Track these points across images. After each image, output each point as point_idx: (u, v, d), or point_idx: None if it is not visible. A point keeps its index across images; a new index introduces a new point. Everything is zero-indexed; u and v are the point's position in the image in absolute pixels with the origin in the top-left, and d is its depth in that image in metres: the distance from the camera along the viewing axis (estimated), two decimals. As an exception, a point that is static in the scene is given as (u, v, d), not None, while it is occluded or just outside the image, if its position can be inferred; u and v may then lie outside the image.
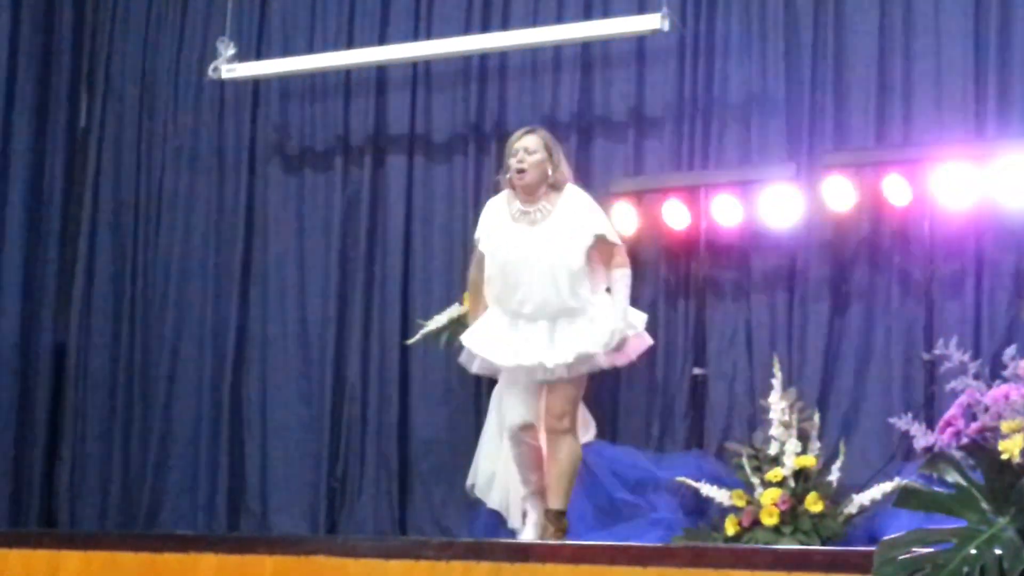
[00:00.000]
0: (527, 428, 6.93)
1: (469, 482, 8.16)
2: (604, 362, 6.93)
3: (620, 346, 6.88)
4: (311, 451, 9.06)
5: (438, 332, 8.37)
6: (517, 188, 6.96)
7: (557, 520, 6.93)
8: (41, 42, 9.80)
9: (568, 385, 6.90)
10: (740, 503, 7.45)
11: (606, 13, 8.58)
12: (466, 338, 7.09)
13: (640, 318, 7.07)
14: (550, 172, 6.95)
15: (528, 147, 6.94)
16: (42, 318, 9.72)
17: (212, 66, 9.18)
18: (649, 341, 7.14)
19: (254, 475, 9.17)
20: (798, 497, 7.38)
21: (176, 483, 9.38)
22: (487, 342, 6.96)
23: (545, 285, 6.82)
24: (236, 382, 9.33)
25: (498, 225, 7.01)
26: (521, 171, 6.92)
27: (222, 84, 9.39)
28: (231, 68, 9.14)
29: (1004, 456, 4.65)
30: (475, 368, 7.12)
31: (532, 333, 6.85)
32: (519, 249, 6.88)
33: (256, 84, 9.47)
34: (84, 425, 9.66)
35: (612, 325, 6.81)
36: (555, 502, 6.96)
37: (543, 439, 7.02)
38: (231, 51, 9.14)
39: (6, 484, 9.35)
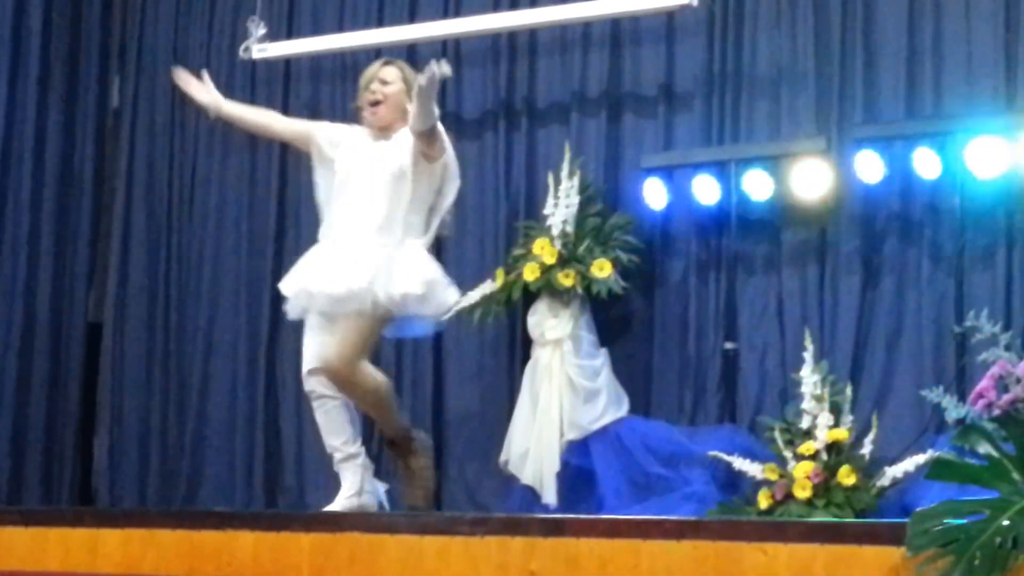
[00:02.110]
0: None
1: (503, 458, 8.22)
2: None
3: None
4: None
5: (471, 309, 8.41)
6: (371, 124, 6.55)
7: (405, 445, 6.58)
8: (70, 24, 9.85)
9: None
10: (773, 476, 7.47)
11: (635, -11, 8.58)
12: None
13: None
14: (408, 107, 6.43)
15: (385, 78, 6.52)
16: (75, 298, 9.79)
17: (243, 46, 9.22)
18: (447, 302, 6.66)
19: (290, 452, 9.23)
20: (831, 470, 7.39)
21: (214, 460, 9.45)
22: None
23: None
24: (271, 359, 9.38)
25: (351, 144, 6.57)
26: (376, 103, 6.52)
27: (253, 64, 9.43)
28: (262, 48, 9.18)
29: (1035, 428, 4.67)
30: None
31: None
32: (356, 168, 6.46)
33: (287, 63, 9.51)
34: (122, 404, 9.73)
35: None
36: (389, 433, 6.63)
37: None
38: (262, 31, 9.17)
39: (38, 463, 9.43)
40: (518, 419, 8.22)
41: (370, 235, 6.37)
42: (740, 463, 7.55)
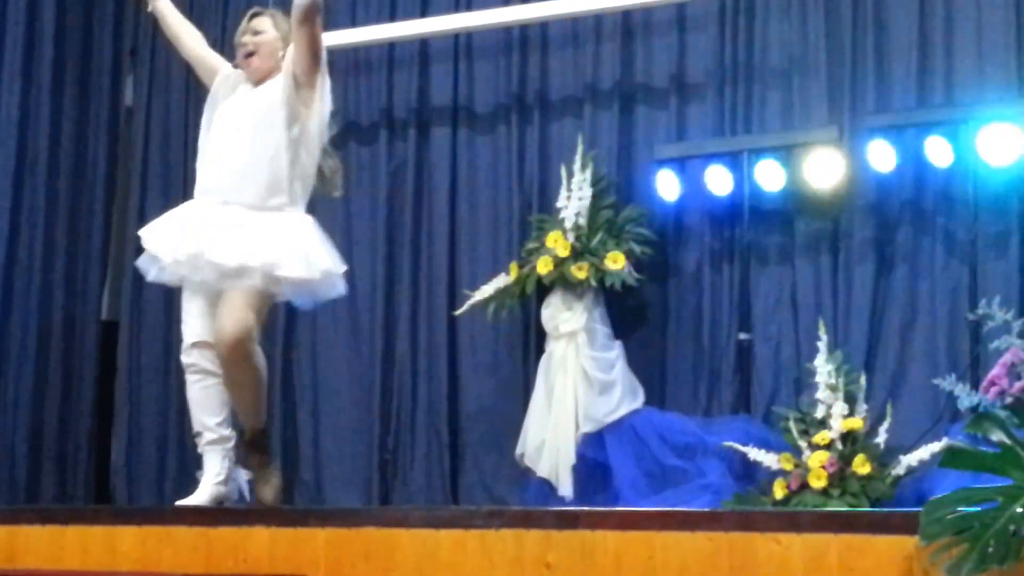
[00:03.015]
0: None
1: (519, 451, 8.23)
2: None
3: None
4: (362, 423, 9.13)
5: (485, 302, 8.42)
6: (250, 77, 6.21)
7: (255, 444, 6.27)
8: (83, 24, 9.88)
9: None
10: (788, 467, 7.47)
11: (646, -19, 8.58)
12: None
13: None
14: (282, 55, 6.17)
15: (257, 28, 6.22)
16: (89, 296, 9.82)
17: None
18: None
19: (307, 448, 9.25)
20: (846, 460, 7.40)
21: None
22: None
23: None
24: (286, 355, 9.40)
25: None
26: (249, 55, 6.18)
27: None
28: (274, 43, 9.17)
29: (1047, 414, 4.67)
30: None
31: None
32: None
33: (300, 59, 9.51)
34: (139, 402, 9.76)
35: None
36: (254, 422, 6.26)
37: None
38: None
39: (53, 461, 9.47)
40: (533, 412, 8.23)
41: (250, 195, 6.03)
42: (755, 453, 7.55)
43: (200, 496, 6.24)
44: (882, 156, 7.74)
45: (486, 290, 8.43)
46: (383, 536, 5.51)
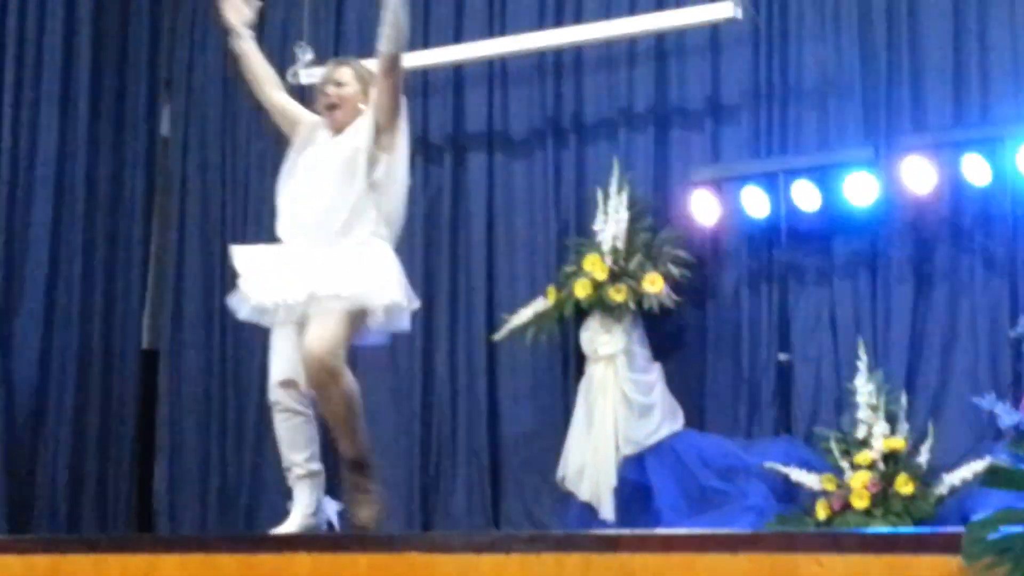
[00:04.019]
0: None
1: (559, 474, 8.23)
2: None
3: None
4: (403, 448, 9.14)
5: (524, 326, 8.43)
6: (329, 127, 6.26)
7: (356, 470, 6.23)
8: (119, 53, 9.96)
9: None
10: (830, 487, 7.45)
11: (679, 3, 8.60)
12: None
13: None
14: (363, 107, 6.20)
15: (340, 80, 6.23)
16: (128, 325, 9.88)
17: (291, 71, 9.28)
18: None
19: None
20: (888, 479, 7.38)
21: (273, 483, 9.47)
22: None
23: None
24: (326, 382, 9.41)
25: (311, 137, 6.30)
26: (332, 107, 6.21)
27: (302, 88, 9.48)
28: (310, 72, 9.23)
29: (1089, 433, 4.64)
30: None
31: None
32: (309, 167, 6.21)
33: (335, 87, 9.55)
34: (180, 429, 9.80)
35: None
36: (349, 451, 6.24)
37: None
38: (309, 56, 9.23)
39: (94, 490, 9.51)
40: (574, 435, 8.24)
41: (334, 233, 6.06)
42: (797, 474, 7.54)
43: (290, 527, 6.29)
44: (919, 175, 7.73)
45: (524, 314, 8.45)
46: (424, 561, 5.50)
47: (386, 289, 6.02)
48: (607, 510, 8.02)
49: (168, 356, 9.92)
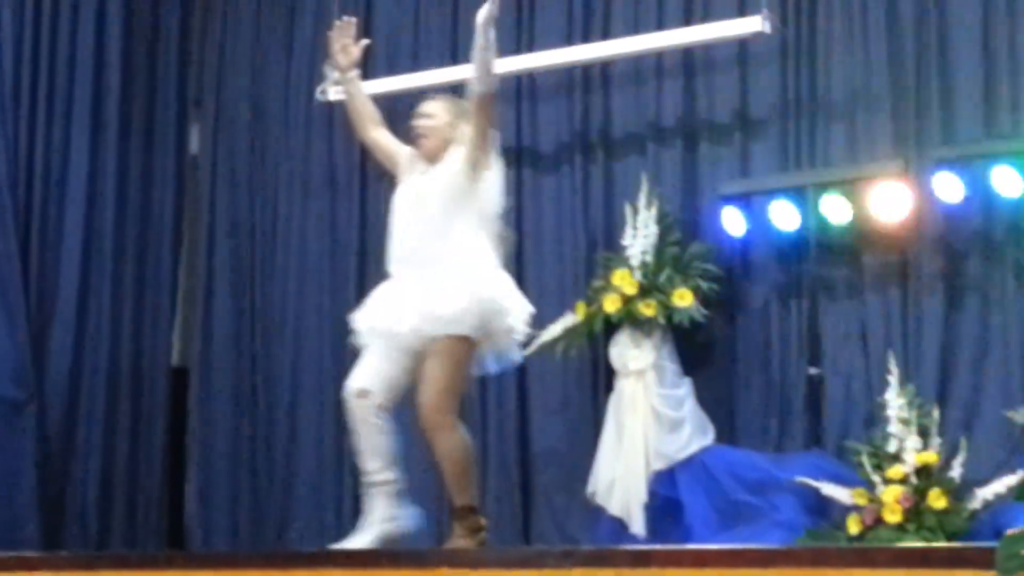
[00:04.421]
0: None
1: (590, 489, 8.22)
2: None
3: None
4: (433, 464, 9.12)
5: (553, 342, 8.43)
6: (420, 157, 6.37)
7: (463, 518, 6.23)
8: (148, 73, 10.02)
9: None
10: (862, 502, 7.42)
11: (707, 18, 8.60)
12: None
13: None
14: (452, 138, 6.30)
15: (429, 112, 6.38)
16: (158, 343, 9.92)
17: (320, 89, 9.29)
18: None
19: (378, 490, 9.26)
20: (920, 494, 7.34)
21: (303, 500, 9.51)
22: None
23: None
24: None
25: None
26: (420, 136, 6.35)
27: (330, 106, 9.52)
28: (339, 90, 9.22)
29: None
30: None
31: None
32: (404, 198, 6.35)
33: (364, 105, 9.58)
34: (211, 447, 9.83)
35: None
36: (457, 498, 6.26)
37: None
38: (337, 73, 9.24)
39: (124, 507, 9.54)
40: (604, 450, 8.23)
41: (435, 264, 6.16)
42: (828, 489, 7.51)
43: (365, 536, 6.28)
44: (949, 188, 7.71)
45: (554, 329, 8.44)
46: (456, 577, 5.50)
47: (493, 318, 6.11)
48: (638, 525, 8.01)
49: (198, 374, 9.96)
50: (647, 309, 8.10)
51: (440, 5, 9.54)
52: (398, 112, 9.54)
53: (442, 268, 6.10)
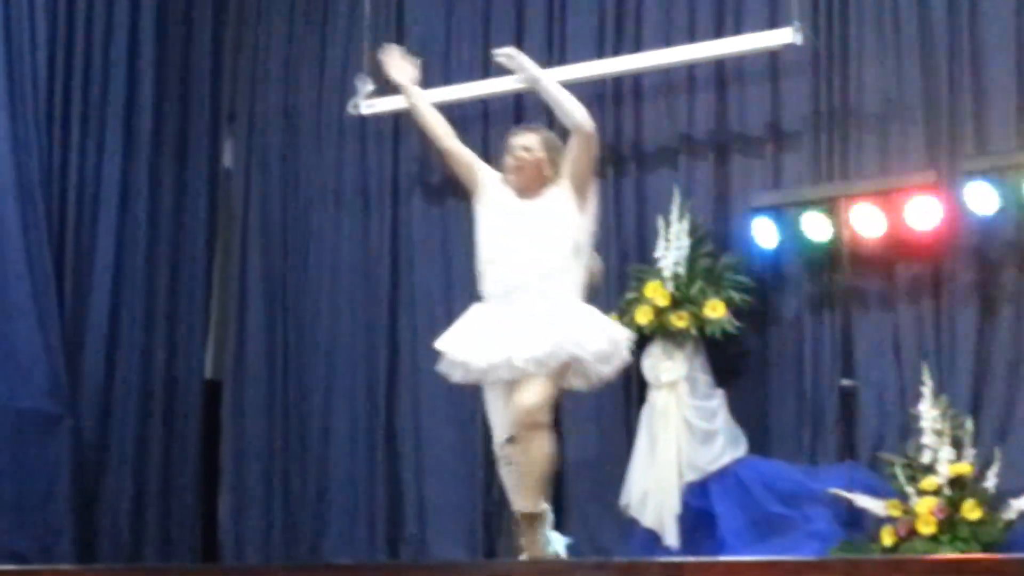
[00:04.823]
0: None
1: (623, 501, 8.23)
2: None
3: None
4: (466, 477, 9.16)
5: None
6: (513, 187, 6.55)
7: (530, 523, 6.30)
8: (181, 88, 10.07)
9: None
10: (896, 513, 7.41)
11: (738, 30, 8.60)
12: None
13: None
14: (547, 173, 6.48)
15: (526, 145, 6.52)
16: (191, 356, 9.95)
17: (351, 103, 9.34)
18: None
19: (411, 502, 9.29)
20: (955, 505, 7.32)
21: (336, 513, 9.53)
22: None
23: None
24: (389, 411, 9.46)
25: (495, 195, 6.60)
26: (516, 168, 6.51)
27: (362, 120, 9.56)
28: (371, 104, 9.29)
29: None
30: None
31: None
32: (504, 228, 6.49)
33: (395, 118, 9.61)
34: (244, 460, 9.85)
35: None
36: (526, 503, 6.32)
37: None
38: (370, 87, 9.28)
39: (157, 520, 9.57)
40: (637, 462, 8.23)
41: (536, 294, 6.34)
42: (862, 500, 7.50)
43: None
44: (982, 199, 7.68)
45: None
46: (490, 589, 5.52)
47: (587, 344, 6.27)
48: (671, 536, 8.00)
49: (231, 386, 9.99)
50: (679, 321, 8.10)
51: (472, 19, 9.57)
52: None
53: (539, 304, 6.29)
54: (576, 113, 6.42)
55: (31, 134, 9.10)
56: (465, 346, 6.47)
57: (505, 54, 6.66)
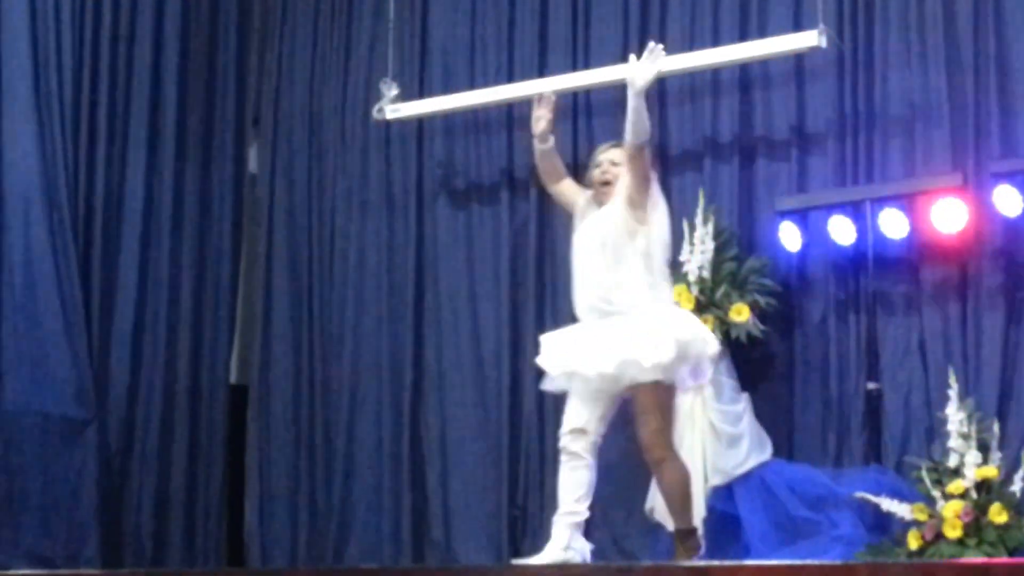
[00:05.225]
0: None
1: (648, 505, 8.21)
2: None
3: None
4: (491, 481, 9.16)
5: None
6: (600, 202, 6.82)
7: (684, 539, 6.68)
8: (205, 92, 10.10)
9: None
10: (922, 517, 7.38)
11: (762, 33, 8.58)
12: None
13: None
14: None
15: (616, 160, 6.80)
16: (216, 360, 9.98)
17: (376, 107, 9.36)
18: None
19: (437, 507, 9.29)
20: (981, 509, 7.30)
21: (362, 517, 9.54)
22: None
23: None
24: (415, 416, 9.47)
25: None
26: (606, 183, 6.77)
27: (387, 124, 9.58)
28: (395, 108, 9.31)
29: None
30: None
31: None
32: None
33: (420, 122, 9.63)
34: (269, 464, 9.87)
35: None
36: (677, 523, 6.73)
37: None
38: (394, 91, 9.30)
39: (181, 525, 9.59)
40: (662, 467, 8.20)
41: (619, 304, 6.58)
42: (888, 504, 7.47)
43: (542, 559, 6.66)
44: (1009, 201, 7.65)
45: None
46: (514, 593, 5.51)
47: (668, 349, 6.44)
48: (695, 541, 7.98)
49: (257, 391, 10.01)
50: (704, 324, 8.09)
51: (496, 23, 9.57)
52: (456, 127, 9.63)
53: (627, 316, 6.51)
54: (638, 131, 6.62)
55: (57, 143, 9.14)
56: (557, 361, 6.77)
57: (656, 49, 6.80)
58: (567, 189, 7.07)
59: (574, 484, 6.72)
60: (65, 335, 9.00)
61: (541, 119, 7.04)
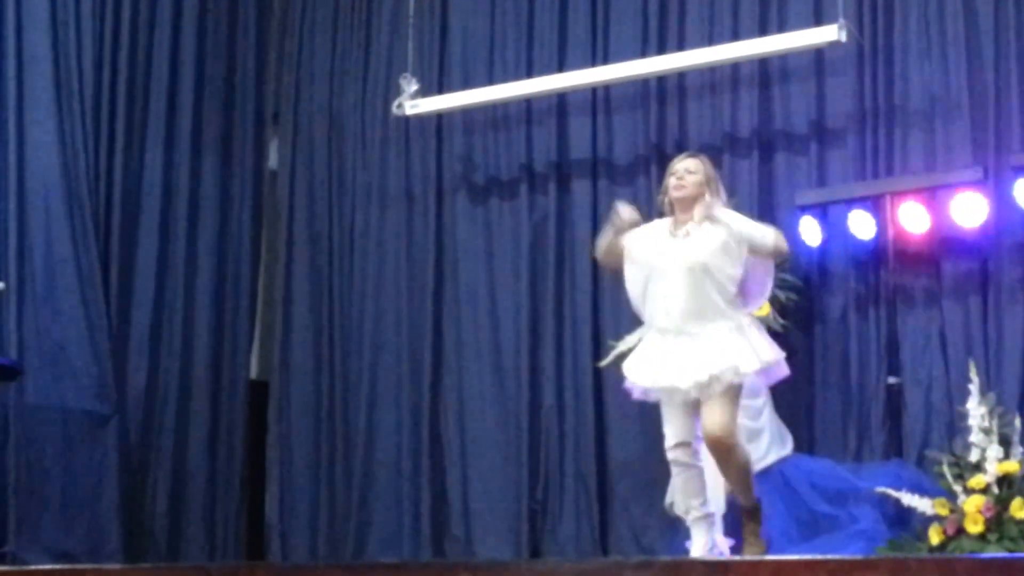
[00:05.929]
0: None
1: (667, 500, 8.19)
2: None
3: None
4: (511, 475, 9.17)
5: (630, 352, 8.40)
6: (674, 203, 6.90)
7: (754, 515, 6.92)
8: (224, 88, 10.11)
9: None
10: (943, 512, 7.37)
11: (782, 28, 8.57)
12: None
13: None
14: (707, 196, 6.83)
15: (690, 168, 6.87)
16: (236, 356, 9.99)
17: (396, 103, 9.36)
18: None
19: (456, 501, 9.30)
20: (1003, 503, 7.28)
21: (381, 512, 9.55)
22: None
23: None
24: (434, 410, 9.48)
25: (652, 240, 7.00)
26: (681, 186, 6.86)
27: (407, 120, 9.58)
28: (415, 104, 9.31)
29: None
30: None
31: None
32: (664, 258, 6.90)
33: (439, 118, 9.64)
34: (290, 459, 9.89)
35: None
36: (745, 501, 6.96)
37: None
38: (414, 87, 9.31)
39: (200, 520, 9.62)
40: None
41: (699, 322, 6.74)
42: (909, 499, 7.45)
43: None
44: (1030, 194, 7.64)
45: (630, 340, 8.40)
46: (534, 588, 5.51)
47: (748, 360, 6.68)
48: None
49: (277, 386, 10.03)
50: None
51: (516, 18, 9.57)
52: (475, 122, 9.63)
53: (715, 331, 6.69)
54: (767, 239, 6.75)
55: (78, 138, 9.15)
56: (646, 372, 6.91)
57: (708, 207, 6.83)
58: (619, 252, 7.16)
59: (695, 490, 6.89)
60: (86, 330, 9.02)
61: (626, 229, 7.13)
